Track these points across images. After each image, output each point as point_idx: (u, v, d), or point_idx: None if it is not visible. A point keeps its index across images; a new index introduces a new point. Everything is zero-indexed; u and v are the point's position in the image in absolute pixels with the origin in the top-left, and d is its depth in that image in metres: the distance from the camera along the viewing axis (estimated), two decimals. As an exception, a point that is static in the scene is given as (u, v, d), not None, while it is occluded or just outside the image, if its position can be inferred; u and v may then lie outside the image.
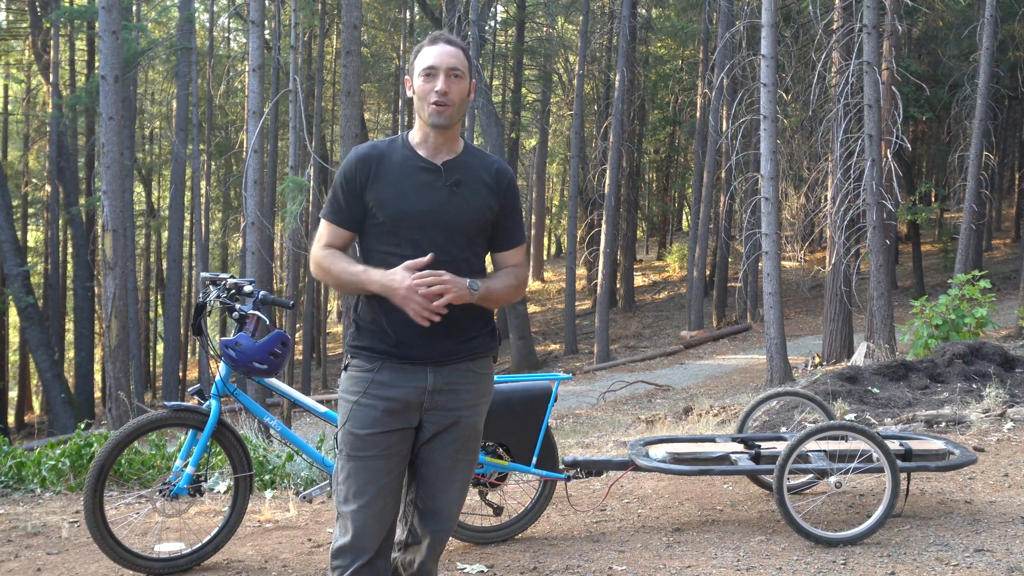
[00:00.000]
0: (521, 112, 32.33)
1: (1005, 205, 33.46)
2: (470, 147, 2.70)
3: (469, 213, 2.59)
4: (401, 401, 2.56)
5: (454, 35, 2.68)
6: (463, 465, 2.70)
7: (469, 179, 2.61)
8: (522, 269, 2.72)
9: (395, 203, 2.57)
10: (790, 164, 20.40)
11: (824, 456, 4.49)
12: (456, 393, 2.62)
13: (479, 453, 2.73)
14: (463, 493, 2.76)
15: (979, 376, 7.87)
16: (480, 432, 2.72)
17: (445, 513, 2.71)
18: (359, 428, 2.57)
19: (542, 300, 33.15)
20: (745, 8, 16.47)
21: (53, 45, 23.04)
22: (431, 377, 2.58)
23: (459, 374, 2.62)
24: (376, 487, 2.56)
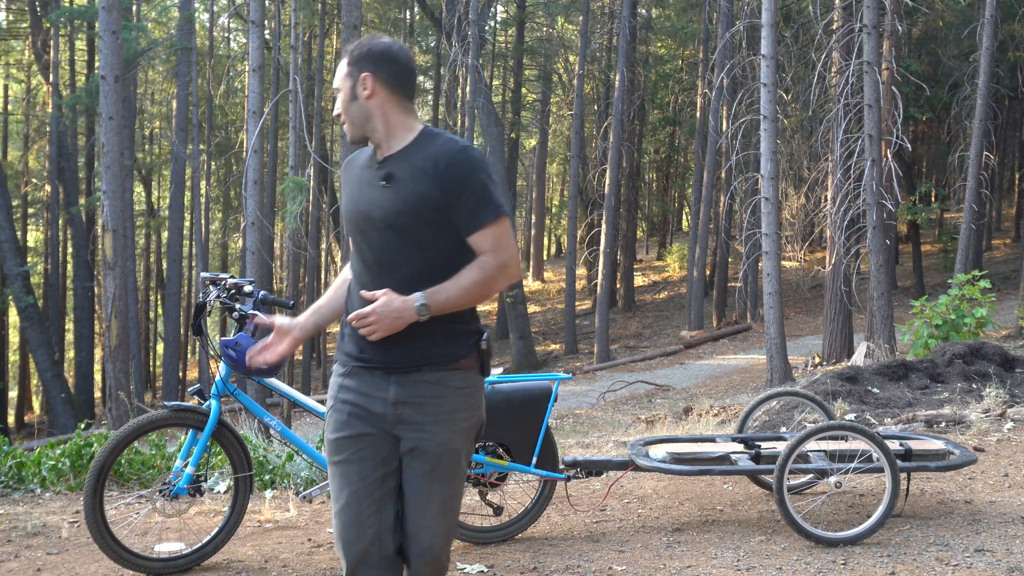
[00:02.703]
0: (521, 112, 32.32)
1: (1005, 205, 33.45)
2: (424, 136, 2.52)
3: (397, 205, 2.44)
4: (365, 408, 2.49)
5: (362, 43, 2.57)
6: (439, 488, 2.49)
7: (405, 171, 2.46)
8: (491, 256, 2.43)
9: (344, 207, 2.60)
10: (790, 164, 20.40)
11: (824, 456, 4.49)
12: (421, 406, 2.45)
13: (460, 476, 2.51)
14: (444, 519, 2.51)
15: (979, 376, 7.87)
16: (459, 452, 2.50)
17: (422, 537, 2.49)
18: (330, 432, 2.54)
19: (542, 300, 33.15)
20: (745, 8, 16.46)
21: (53, 45, 23.04)
22: (393, 388, 2.46)
23: (424, 386, 2.46)
24: (349, 492, 2.47)
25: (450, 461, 2.49)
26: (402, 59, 2.55)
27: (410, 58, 2.59)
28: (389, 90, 2.52)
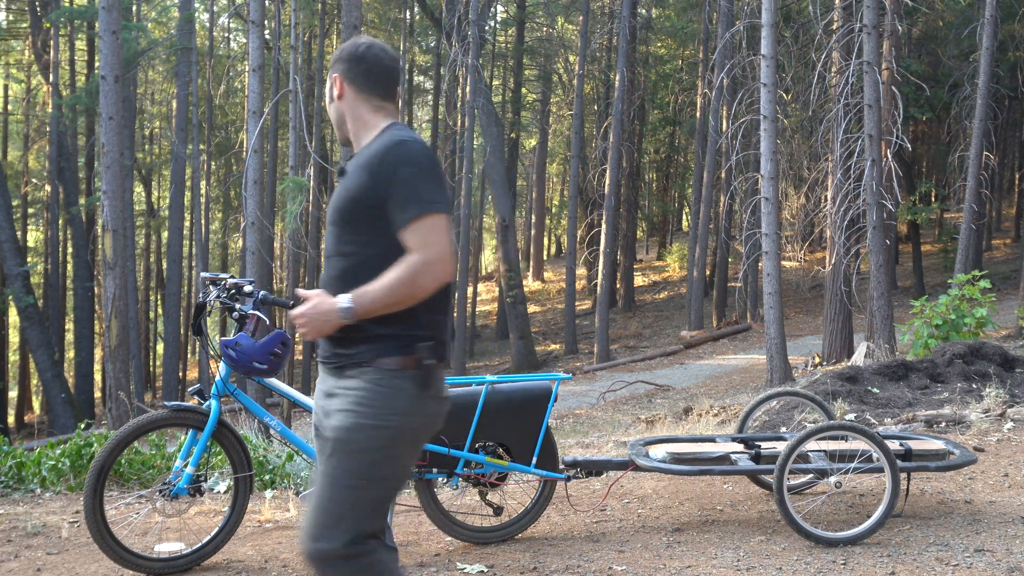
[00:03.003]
0: (521, 112, 32.33)
1: (1005, 205, 33.45)
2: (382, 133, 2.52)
3: (338, 201, 2.45)
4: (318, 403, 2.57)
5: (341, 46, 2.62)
6: (325, 474, 2.42)
7: (353, 166, 2.48)
8: (416, 254, 2.33)
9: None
10: (790, 164, 20.40)
11: (824, 456, 4.49)
12: (336, 396, 2.44)
13: (352, 472, 2.39)
14: (321, 508, 2.39)
15: (979, 376, 7.87)
16: (357, 445, 2.37)
17: (305, 520, 2.42)
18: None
19: (542, 300, 33.15)
20: (745, 8, 16.46)
21: (53, 45, 23.04)
22: (320, 381, 2.55)
23: (345, 379, 2.43)
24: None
25: (342, 451, 2.40)
26: (369, 58, 2.55)
27: (381, 57, 2.57)
28: (356, 90, 2.55)
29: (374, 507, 2.43)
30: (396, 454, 2.42)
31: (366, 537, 2.40)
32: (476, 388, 4.27)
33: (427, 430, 2.48)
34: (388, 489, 2.45)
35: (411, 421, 2.41)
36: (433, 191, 2.39)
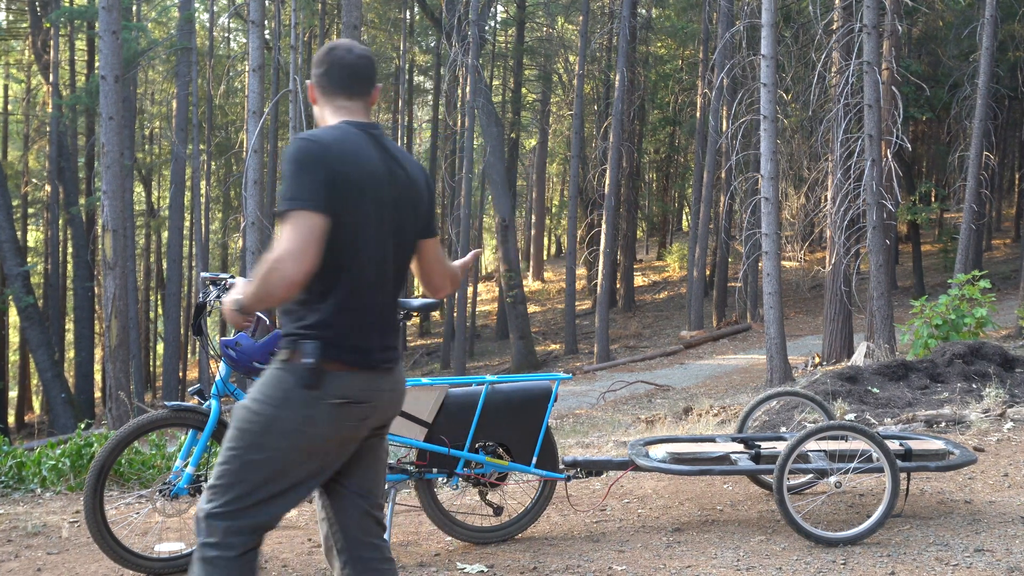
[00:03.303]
0: (521, 112, 32.32)
1: (1005, 205, 33.45)
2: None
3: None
4: None
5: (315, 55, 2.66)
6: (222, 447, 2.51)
7: None
8: (272, 252, 2.31)
9: None
10: (790, 164, 20.39)
11: (824, 456, 4.49)
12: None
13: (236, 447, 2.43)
14: (217, 475, 2.46)
15: (979, 376, 7.87)
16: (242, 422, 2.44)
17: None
18: None
19: (542, 300, 33.15)
20: (745, 8, 16.46)
21: (53, 45, 23.04)
22: None
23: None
24: None
25: (233, 429, 2.46)
26: (330, 60, 2.57)
27: (343, 57, 2.57)
28: (321, 93, 2.59)
29: (253, 490, 2.42)
30: (267, 442, 2.41)
31: (242, 531, 2.42)
32: (476, 388, 4.28)
33: (318, 431, 2.42)
34: (264, 477, 2.42)
35: (286, 414, 2.40)
36: (298, 188, 2.35)
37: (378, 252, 2.48)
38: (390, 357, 2.54)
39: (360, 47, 2.63)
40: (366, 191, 2.44)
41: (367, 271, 2.46)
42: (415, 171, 2.62)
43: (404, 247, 2.58)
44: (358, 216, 2.42)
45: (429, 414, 4.15)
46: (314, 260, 2.32)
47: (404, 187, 2.55)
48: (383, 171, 2.49)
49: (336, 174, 2.38)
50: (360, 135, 2.50)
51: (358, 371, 2.45)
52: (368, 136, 2.52)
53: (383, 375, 2.51)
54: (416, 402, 4.13)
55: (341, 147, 2.43)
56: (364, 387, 2.46)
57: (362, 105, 2.58)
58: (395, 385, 2.58)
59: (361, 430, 2.51)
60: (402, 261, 2.58)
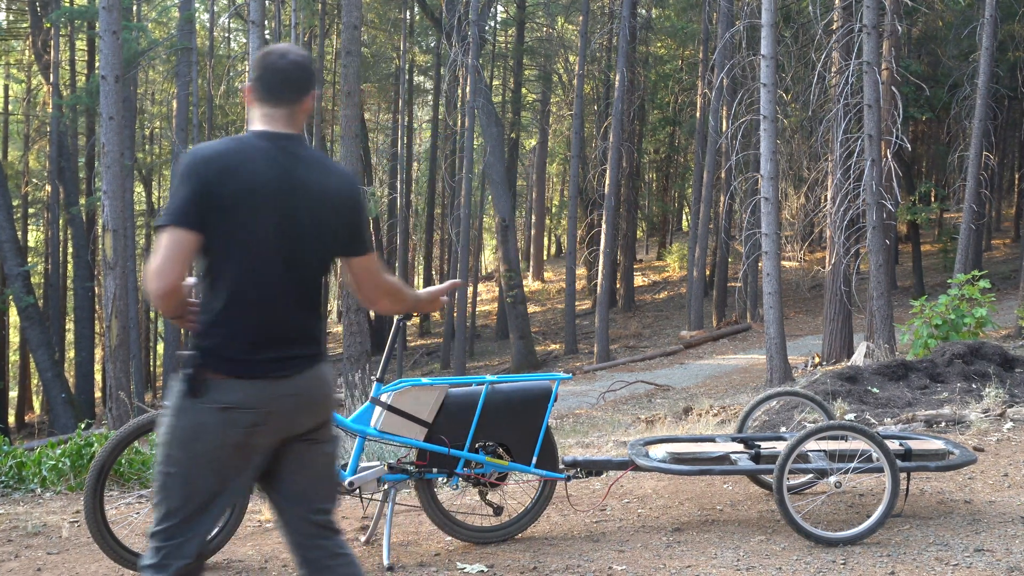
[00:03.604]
0: (521, 112, 32.32)
1: (1005, 205, 33.45)
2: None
3: None
4: None
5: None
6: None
7: None
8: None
9: None
10: (790, 164, 20.39)
11: (824, 456, 4.49)
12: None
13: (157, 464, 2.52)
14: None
15: (979, 376, 7.87)
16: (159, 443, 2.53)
17: None
18: None
19: (542, 300, 33.15)
20: (745, 8, 16.47)
21: (53, 45, 23.03)
22: None
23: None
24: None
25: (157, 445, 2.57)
26: (262, 66, 2.57)
27: (275, 63, 2.56)
28: (254, 98, 2.58)
29: (178, 507, 2.47)
30: (174, 454, 2.48)
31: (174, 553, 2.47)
32: (476, 388, 4.28)
33: (208, 439, 2.45)
34: (182, 492, 2.47)
35: (181, 423, 2.46)
36: (171, 203, 2.43)
37: (261, 266, 2.48)
38: (287, 366, 2.52)
39: (297, 52, 2.62)
40: (245, 206, 2.43)
41: (246, 285, 2.47)
42: (333, 186, 2.56)
43: (304, 262, 2.54)
44: (234, 231, 2.43)
45: (429, 414, 4.16)
46: (176, 276, 2.39)
47: (306, 201, 2.51)
48: (274, 185, 2.47)
49: (211, 189, 2.40)
50: (262, 147, 2.50)
51: (241, 379, 2.46)
52: (276, 147, 2.51)
53: (277, 383, 2.50)
54: (416, 402, 4.13)
55: (224, 161, 2.44)
56: (249, 394, 2.46)
57: (287, 113, 2.56)
58: (298, 391, 2.54)
59: (256, 437, 2.49)
60: (304, 275, 2.56)
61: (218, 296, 2.47)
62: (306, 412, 2.58)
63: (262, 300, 2.49)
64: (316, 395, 2.60)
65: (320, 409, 2.62)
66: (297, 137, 2.57)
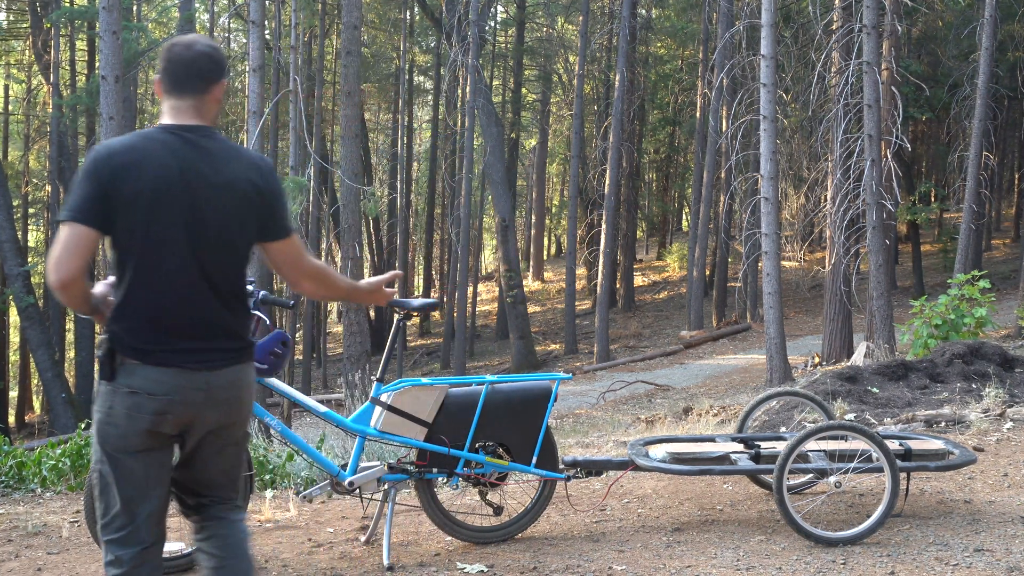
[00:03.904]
0: (521, 112, 32.32)
1: (1005, 205, 33.45)
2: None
3: None
4: None
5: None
6: None
7: None
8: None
9: None
10: (790, 164, 20.40)
11: (824, 456, 4.49)
12: None
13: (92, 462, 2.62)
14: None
15: (979, 376, 7.87)
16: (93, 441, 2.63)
17: None
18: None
19: (542, 300, 33.15)
20: (745, 8, 16.47)
21: (53, 45, 23.03)
22: None
23: None
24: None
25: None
26: (167, 57, 2.60)
27: (179, 54, 2.59)
28: (162, 90, 2.62)
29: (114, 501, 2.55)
30: (100, 446, 2.56)
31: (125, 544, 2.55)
32: (476, 388, 4.27)
33: (119, 423, 2.52)
34: (115, 487, 2.55)
35: (101, 406, 2.55)
36: (71, 198, 2.49)
37: (166, 258, 2.52)
38: (200, 359, 2.56)
39: (204, 43, 2.63)
40: (145, 201, 2.48)
41: (151, 275, 2.52)
42: (239, 174, 2.59)
43: (213, 252, 2.58)
44: (136, 225, 2.49)
45: (429, 414, 4.16)
46: (73, 269, 2.45)
47: (209, 192, 2.54)
48: (177, 178, 2.51)
49: (110, 186, 2.47)
50: (165, 140, 2.54)
51: (150, 366, 2.51)
52: (180, 140, 2.55)
53: (190, 373, 2.54)
54: (416, 402, 4.14)
55: (125, 156, 2.50)
56: (157, 381, 2.51)
57: (193, 104, 2.59)
58: (209, 386, 2.57)
59: (163, 426, 2.53)
60: (215, 266, 2.59)
61: (125, 286, 2.54)
62: (216, 408, 2.61)
63: (169, 291, 2.53)
64: (229, 394, 2.63)
65: (232, 409, 2.65)
66: (203, 128, 2.60)
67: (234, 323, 2.65)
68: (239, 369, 2.65)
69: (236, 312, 2.65)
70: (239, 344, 2.65)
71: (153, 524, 2.58)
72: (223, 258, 2.60)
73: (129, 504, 2.54)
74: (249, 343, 2.69)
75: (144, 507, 2.56)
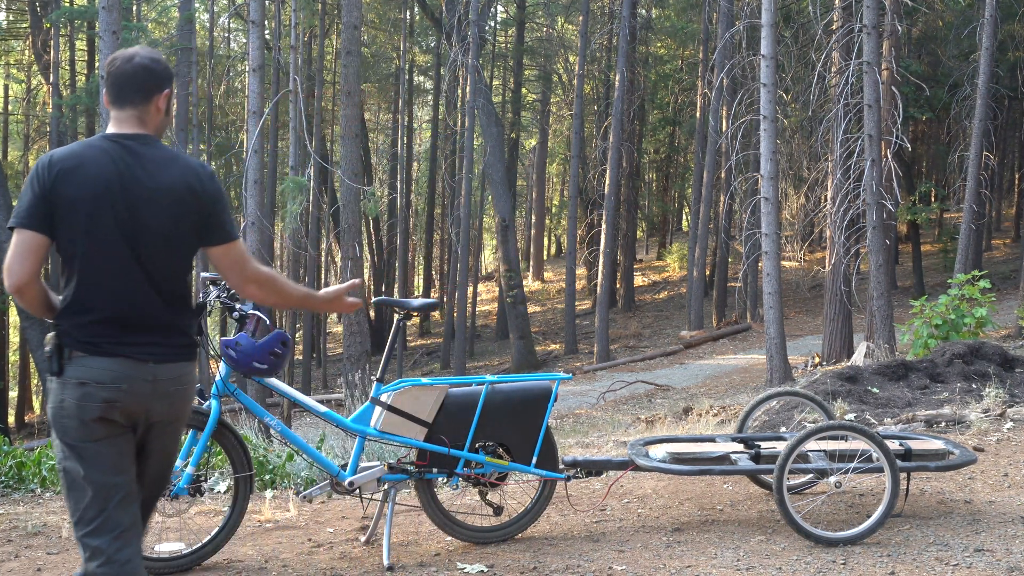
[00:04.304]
0: (521, 112, 32.31)
1: (1005, 205, 33.45)
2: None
3: None
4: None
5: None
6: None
7: None
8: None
9: None
10: (790, 164, 20.40)
11: (824, 456, 4.49)
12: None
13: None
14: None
15: (979, 376, 7.87)
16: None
17: None
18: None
19: (542, 300, 33.15)
20: (745, 8, 16.47)
21: (53, 45, 23.03)
22: None
23: None
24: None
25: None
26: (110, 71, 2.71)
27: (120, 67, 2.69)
28: (107, 101, 2.73)
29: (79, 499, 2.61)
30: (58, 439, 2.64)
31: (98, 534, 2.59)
32: (476, 388, 4.27)
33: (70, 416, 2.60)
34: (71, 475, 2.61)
35: (53, 401, 2.64)
36: (19, 205, 2.62)
37: (107, 260, 2.63)
38: (146, 351, 2.65)
39: (144, 55, 2.73)
40: (84, 205, 2.59)
41: (95, 276, 2.62)
42: (176, 181, 2.69)
43: (151, 254, 2.67)
44: (77, 229, 2.60)
45: (429, 414, 4.16)
46: (25, 273, 2.58)
47: (146, 197, 2.65)
48: (115, 184, 2.62)
49: (51, 192, 2.59)
50: (106, 148, 2.65)
51: (96, 357, 2.60)
52: (120, 148, 2.65)
53: (137, 364, 2.63)
54: (416, 402, 4.13)
55: (66, 163, 2.61)
56: (106, 370, 2.60)
57: (135, 114, 2.70)
58: (156, 378, 2.66)
59: (112, 414, 2.61)
60: (155, 267, 2.68)
61: (72, 287, 2.64)
62: (161, 401, 2.69)
63: (112, 291, 2.63)
64: (175, 388, 2.72)
65: (175, 404, 2.74)
66: (144, 136, 2.70)
67: (178, 321, 2.74)
68: (184, 366, 2.75)
69: (179, 311, 2.75)
70: (184, 340, 2.75)
71: (125, 508, 2.64)
72: (163, 260, 2.70)
73: (100, 491, 2.60)
74: (194, 342, 2.79)
75: (115, 493, 2.62)
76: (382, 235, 31.82)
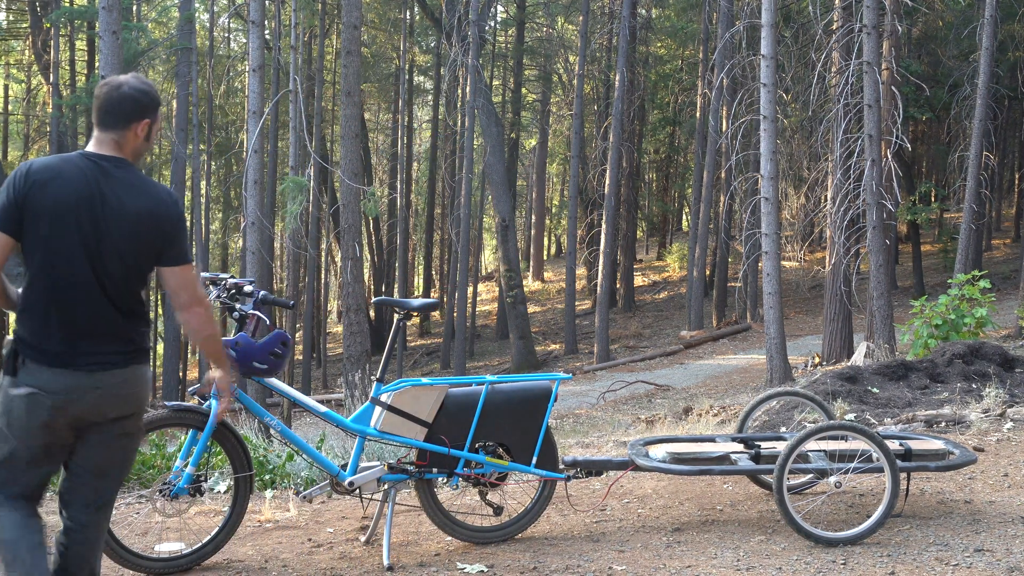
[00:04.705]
0: (521, 112, 32.31)
1: (1005, 205, 33.44)
2: None
3: None
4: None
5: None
6: None
7: None
8: None
9: None
10: (790, 164, 20.40)
11: (824, 456, 4.49)
12: None
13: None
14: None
15: (979, 376, 7.87)
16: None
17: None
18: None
19: (542, 300, 33.15)
20: (745, 8, 16.47)
21: (53, 45, 23.03)
22: None
23: None
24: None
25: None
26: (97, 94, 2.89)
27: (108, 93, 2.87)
28: (93, 121, 2.93)
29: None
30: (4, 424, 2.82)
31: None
32: (476, 388, 4.27)
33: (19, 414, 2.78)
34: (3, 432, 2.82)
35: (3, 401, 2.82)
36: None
37: (66, 270, 2.80)
38: (94, 362, 2.82)
39: (132, 84, 2.91)
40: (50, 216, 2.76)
41: (51, 285, 2.80)
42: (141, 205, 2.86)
43: (110, 269, 2.84)
44: (41, 238, 2.78)
45: (429, 414, 4.16)
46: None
47: (111, 216, 2.81)
48: (85, 201, 2.79)
49: (23, 199, 2.76)
50: (81, 165, 2.82)
51: (46, 367, 2.78)
52: (94, 167, 2.82)
53: (83, 374, 2.80)
54: (416, 402, 4.13)
55: (41, 174, 2.78)
56: (53, 381, 2.78)
57: (114, 138, 2.87)
58: (103, 385, 2.83)
59: (60, 418, 2.80)
60: (112, 280, 2.85)
61: (29, 291, 2.83)
62: (110, 401, 2.87)
63: (66, 299, 2.80)
64: (123, 391, 2.89)
65: (127, 403, 2.91)
66: (119, 160, 2.87)
67: (130, 330, 2.90)
68: (134, 368, 2.91)
69: (132, 321, 2.91)
70: (133, 348, 2.91)
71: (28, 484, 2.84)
72: (120, 274, 2.86)
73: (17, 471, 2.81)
74: (144, 347, 2.93)
75: (29, 475, 2.83)
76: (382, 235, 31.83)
